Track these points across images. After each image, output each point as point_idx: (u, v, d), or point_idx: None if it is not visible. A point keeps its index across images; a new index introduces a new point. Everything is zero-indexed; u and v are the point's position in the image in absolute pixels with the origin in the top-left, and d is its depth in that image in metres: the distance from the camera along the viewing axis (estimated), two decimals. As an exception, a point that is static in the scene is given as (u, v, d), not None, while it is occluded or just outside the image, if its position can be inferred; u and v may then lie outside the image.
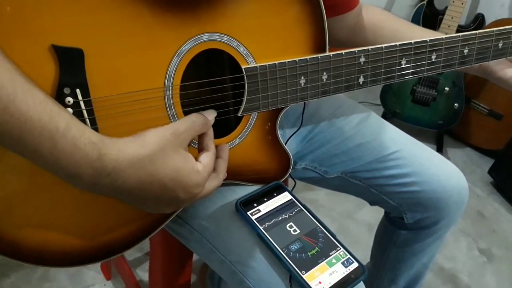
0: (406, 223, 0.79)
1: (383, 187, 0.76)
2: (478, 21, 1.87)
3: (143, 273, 1.19)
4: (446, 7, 1.76)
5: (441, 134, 1.99)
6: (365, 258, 0.99)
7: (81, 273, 1.19)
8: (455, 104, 1.85)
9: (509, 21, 1.09)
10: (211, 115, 0.50)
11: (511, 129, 1.75)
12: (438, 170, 0.75)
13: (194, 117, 0.48)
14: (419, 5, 1.87)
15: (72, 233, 0.49)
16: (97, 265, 1.20)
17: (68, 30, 0.42)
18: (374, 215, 1.13)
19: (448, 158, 0.78)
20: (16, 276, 1.15)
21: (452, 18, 1.72)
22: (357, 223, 1.49)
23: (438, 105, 1.87)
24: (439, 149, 1.97)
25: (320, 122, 0.77)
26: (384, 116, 1.97)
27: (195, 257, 0.85)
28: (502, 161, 1.75)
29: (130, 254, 1.24)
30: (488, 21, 1.88)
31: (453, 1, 1.72)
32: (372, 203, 0.82)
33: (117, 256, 0.54)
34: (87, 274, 1.18)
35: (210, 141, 0.49)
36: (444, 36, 0.63)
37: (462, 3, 1.71)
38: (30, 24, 0.40)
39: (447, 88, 1.83)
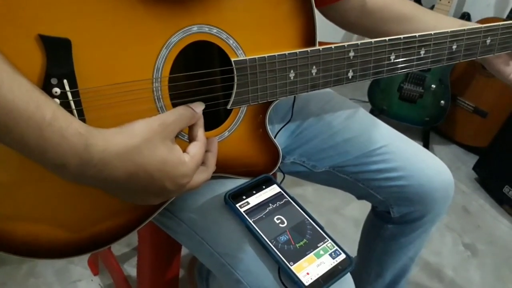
0: (392, 217, 0.80)
1: (370, 181, 0.76)
2: (464, 19, 1.89)
3: (130, 268, 1.19)
4: (433, 6, 1.78)
5: (427, 131, 2.01)
6: (352, 253, 0.99)
7: (67, 268, 1.17)
8: (441, 102, 1.87)
9: (495, 20, 1.09)
10: (198, 108, 0.49)
11: (495, 126, 1.77)
12: (425, 165, 0.76)
13: (181, 110, 0.48)
14: (406, 3, 1.89)
15: (60, 225, 0.49)
16: (84, 261, 1.19)
17: (56, 20, 0.41)
18: (361, 210, 1.14)
19: (434, 155, 0.79)
20: (1, 272, 1.13)
21: (439, 16, 1.74)
22: (344, 218, 1.51)
23: (424, 102, 1.89)
24: (426, 146, 1.99)
25: (308, 117, 0.77)
26: (372, 113, 1.97)
27: (183, 251, 0.85)
28: (487, 158, 1.78)
29: (118, 249, 1.24)
30: (474, 19, 1.90)
31: (440, 0, 1.74)
32: (359, 197, 0.83)
33: (106, 248, 0.54)
34: (74, 270, 1.17)
35: (199, 131, 0.49)
36: (432, 32, 0.63)
37: (449, 2, 1.73)
38: (17, 13, 0.39)
39: (433, 86, 1.85)
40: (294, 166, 0.79)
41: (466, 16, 1.89)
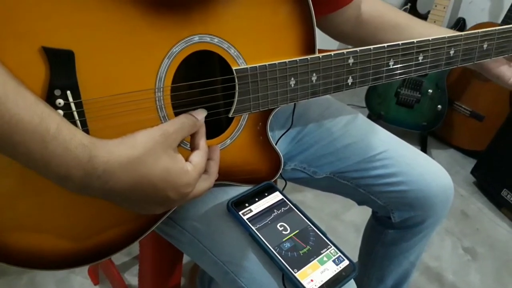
0: (393, 222, 0.80)
1: (370, 187, 0.77)
2: (459, 25, 1.91)
3: (131, 277, 1.18)
4: (429, 11, 1.79)
5: (425, 135, 2.02)
6: (353, 258, 0.99)
7: (68, 278, 1.17)
8: (439, 106, 1.88)
9: (490, 25, 1.10)
10: (200, 115, 0.50)
11: (492, 130, 1.78)
12: (424, 170, 0.76)
13: (183, 118, 0.48)
14: (402, 9, 1.90)
15: (63, 235, 0.49)
16: (85, 270, 1.19)
17: (59, 32, 0.41)
18: (361, 216, 1.15)
19: (433, 159, 0.80)
20: (1, 283, 1.13)
21: (434, 22, 1.75)
22: (344, 223, 1.51)
23: (422, 107, 1.90)
24: (423, 150, 2.00)
25: (308, 123, 0.78)
26: (369, 118, 1.97)
27: (184, 260, 0.85)
28: (484, 161, 1.79)
29: (118, 259, 1.23)
30: (469, 25, 1.92)
31: (436, 6, 1.75)
32: (360, 203, 0.83)
33: (108, 258, 0.54)
34: (75, 280, 1.17)
35: (201, 139, 0.50)
36: (430, 38, 0.64)
37: (444, 8, 1.74)
38: (20, 26, 0.40)
39: (430, 90, 1.86)
40: (295, 173, 0.79)
41: (461, 22, 1.91)
